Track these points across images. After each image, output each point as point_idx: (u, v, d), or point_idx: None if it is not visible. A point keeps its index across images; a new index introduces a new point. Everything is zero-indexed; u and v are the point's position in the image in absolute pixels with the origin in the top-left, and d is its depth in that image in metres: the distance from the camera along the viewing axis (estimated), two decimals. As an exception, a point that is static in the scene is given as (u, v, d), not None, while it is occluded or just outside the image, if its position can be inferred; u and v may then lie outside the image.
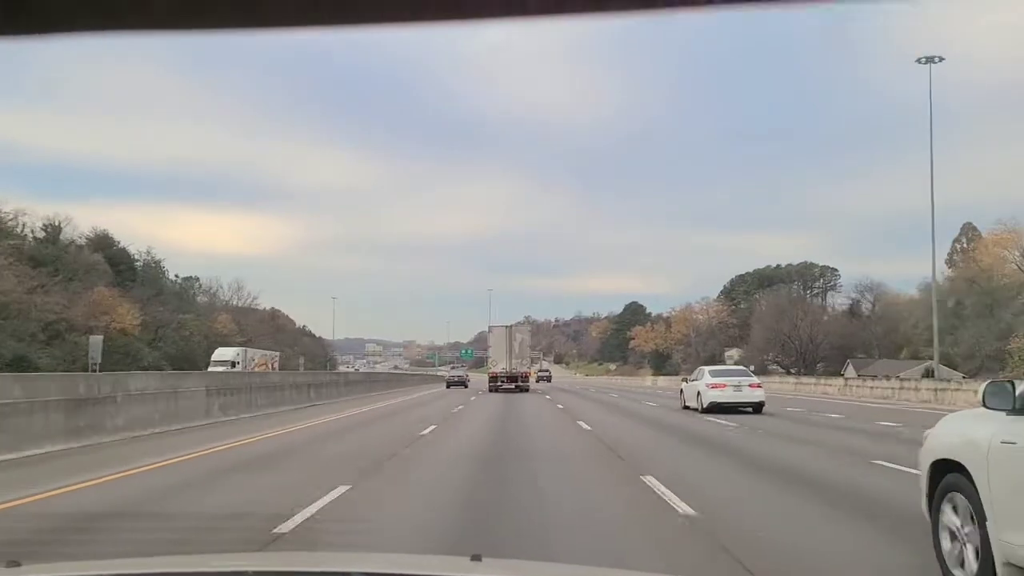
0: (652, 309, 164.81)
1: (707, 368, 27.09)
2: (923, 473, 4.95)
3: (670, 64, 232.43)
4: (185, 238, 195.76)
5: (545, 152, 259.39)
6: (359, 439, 15.74)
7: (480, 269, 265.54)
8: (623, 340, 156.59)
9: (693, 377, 27.05)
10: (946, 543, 4.65)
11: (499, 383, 44.73)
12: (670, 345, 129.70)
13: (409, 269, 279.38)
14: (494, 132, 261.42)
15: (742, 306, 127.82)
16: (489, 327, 51.87)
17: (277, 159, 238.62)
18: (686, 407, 26.19)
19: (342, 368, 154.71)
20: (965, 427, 4.68)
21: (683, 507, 7.65)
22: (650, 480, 9.36)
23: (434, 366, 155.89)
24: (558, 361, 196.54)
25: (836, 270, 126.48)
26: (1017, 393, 4.17)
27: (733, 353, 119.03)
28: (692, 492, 8.44)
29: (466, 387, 55.93)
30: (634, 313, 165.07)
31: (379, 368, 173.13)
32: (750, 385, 24.13)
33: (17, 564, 1.76)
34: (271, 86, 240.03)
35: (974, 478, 4.36)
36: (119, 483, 9.45)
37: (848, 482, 9.47)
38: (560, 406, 29.66)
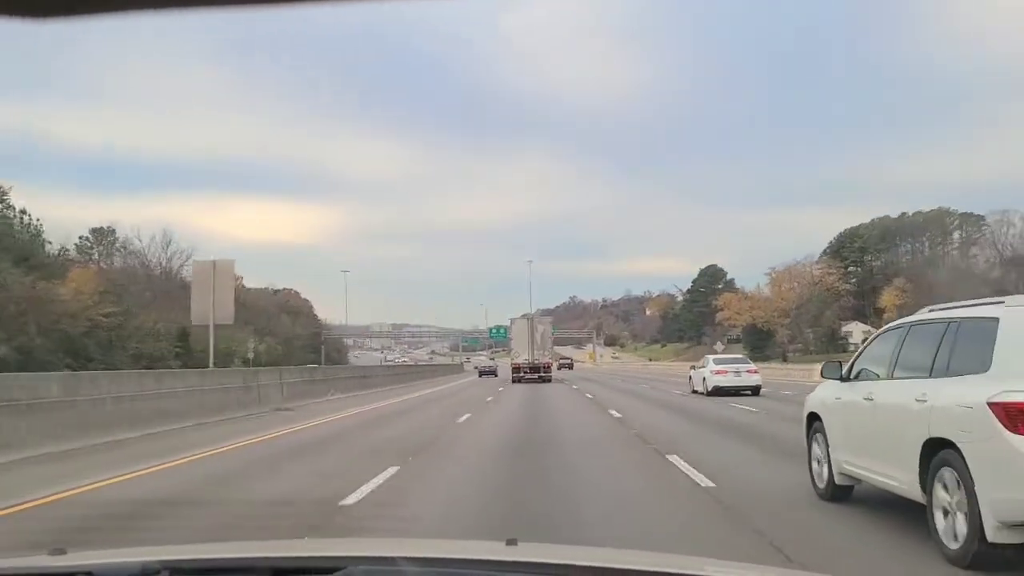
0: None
1: (711, 356, 30.39)
2: (804, 421, 7.73)
3: (716, 39, 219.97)
4: (229, 227, 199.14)
5: (588, 134, 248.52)
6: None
7: (522, 253, 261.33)
8: (699, 315, 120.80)
9: (700, 364, 30.26)
10: (814, 461, 7.42)
11: (522, 374, 45.28)
12: (772, 319, 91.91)
13: (450, 255, 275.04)
14: (536, 114, 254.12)
15: (850, 269, 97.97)
16: (511, 319, 53.75)
17: (320, 149, 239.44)
18: (694, 391, 29.12)
19: (375, 355, 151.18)
20: (821, 391, 7.46)
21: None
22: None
23: (458, 352, 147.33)
24: (610, 343, 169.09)
25: (982, 217, 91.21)
26: (844, 369, 6.95)
27: (852, 328, 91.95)
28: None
29: (496, 376, 59.84)
30: (712, 279, 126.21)
31: (416, 354, 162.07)
32: (747, 371, 27.10)
33: (62, 552, 1.79)
34: (315, 77, 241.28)
35: (824, 422, 7.16)
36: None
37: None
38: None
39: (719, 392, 26.35)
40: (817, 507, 7.02)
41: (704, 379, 27.99)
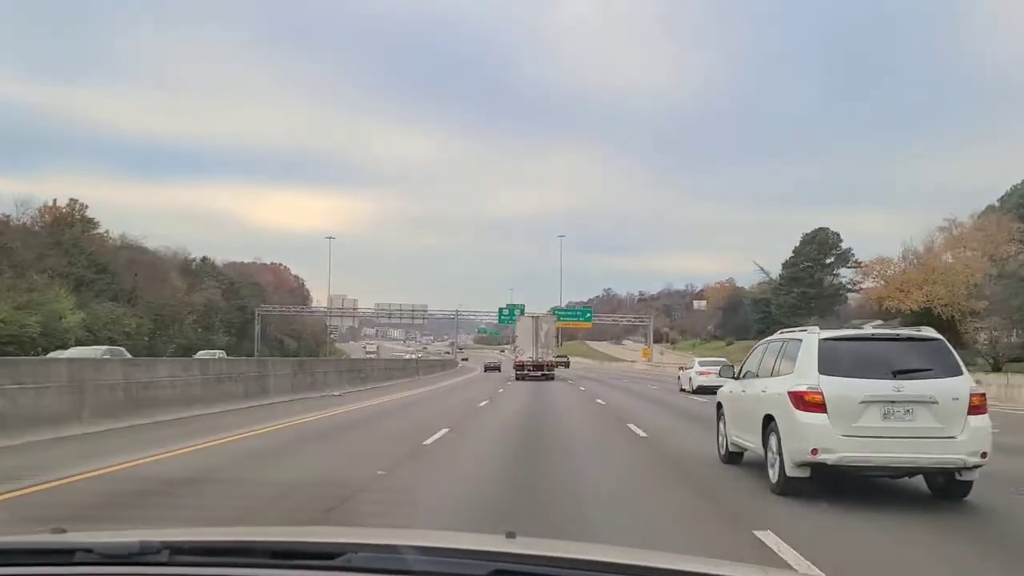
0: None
1: (697, 359, 33.67)
2: (716, 407, 10.80)
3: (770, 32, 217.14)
4: (260, 215, 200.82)
5: (624, 129, 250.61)
6: None
7: (556, 246, 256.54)
8: (802, 299, 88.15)
9: (688, 366, 33.63)
10: (721, 434, 10.51)
11: (526, 371, 45.93)
12: (957, 301, 52.63)
13: (482, 246, 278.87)
14: (576, 109, 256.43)
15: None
16: (516, 317, 55.95)
17: (353, 137, 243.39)
18: (682, 390, 32.36)
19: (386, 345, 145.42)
20: (725, 387, 10.57)
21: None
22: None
23: (486, 343, 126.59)
24: (657, 339, 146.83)
25: None
26: (735, 371, 10.01)
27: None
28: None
29: (499, 371, 61.99)
30: (821, 249, 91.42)
31: (433, 348, 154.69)
32: (728, 372, 30.29)
33: (62, 530, 1.85)
34: (350, 68, 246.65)
35: (724, 406, 10.24)
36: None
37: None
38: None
39: (703, 391, 29.43)
40: (715, 459, 10.22)
41: (691, 379, 31.30)
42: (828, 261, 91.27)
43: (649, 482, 9.15)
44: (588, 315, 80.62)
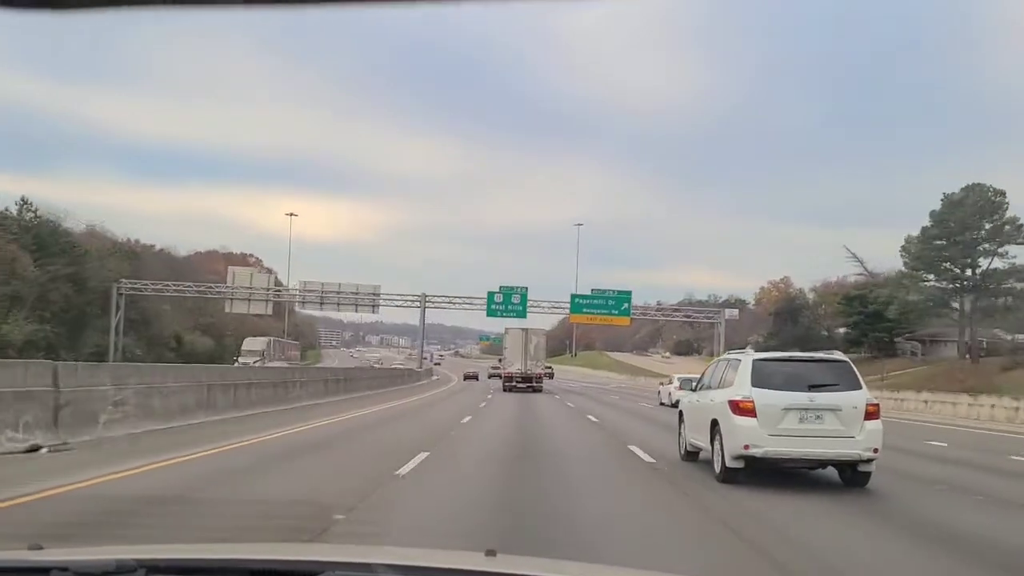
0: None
1: (676, 375, 35.84)
2: (678, 413, 12.85)
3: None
4: (267, 222, 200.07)
5: (643, 143, 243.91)
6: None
7: (559, 258, 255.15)
8: (944, 292, 60.17)
9: (667, 382, 36.34)
10: (681, 436, 12.54)
11: (514, 383, 46.51)
12: None
13: (490, 258, 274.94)
14: (583, 121, 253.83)
15: None
16: (505, 328, 53.44)
17: (364, 147, 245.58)
18: (662, 403, 34.54)
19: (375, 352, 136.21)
20: (684, 399, 12.63)
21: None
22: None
23: (435, 356, 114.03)
24: (682, 351, 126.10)
25: None
26: (693, 383, 12.08)
27: None
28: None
29: (477, 379, 64.26)
30: (976, 215, 57.19)
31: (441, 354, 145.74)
32: (705, 387, 32.58)
33: (39, 547, 1.86)
34: (362, 75, 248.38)
35: (683, 413, 12.31)
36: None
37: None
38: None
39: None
40: (674, 455, 12.28)
41: (670, 393, 33.44)
42: (978, 234, 58.22)
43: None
44: (625, 305, 53.04)
